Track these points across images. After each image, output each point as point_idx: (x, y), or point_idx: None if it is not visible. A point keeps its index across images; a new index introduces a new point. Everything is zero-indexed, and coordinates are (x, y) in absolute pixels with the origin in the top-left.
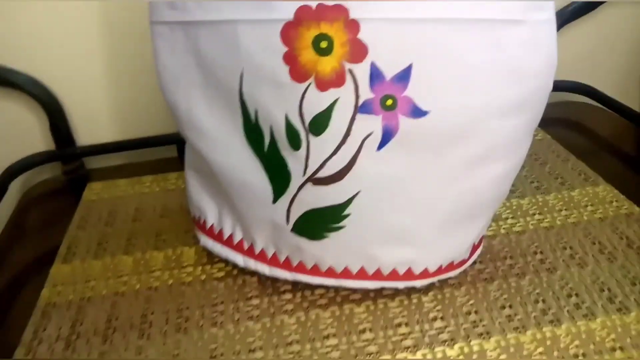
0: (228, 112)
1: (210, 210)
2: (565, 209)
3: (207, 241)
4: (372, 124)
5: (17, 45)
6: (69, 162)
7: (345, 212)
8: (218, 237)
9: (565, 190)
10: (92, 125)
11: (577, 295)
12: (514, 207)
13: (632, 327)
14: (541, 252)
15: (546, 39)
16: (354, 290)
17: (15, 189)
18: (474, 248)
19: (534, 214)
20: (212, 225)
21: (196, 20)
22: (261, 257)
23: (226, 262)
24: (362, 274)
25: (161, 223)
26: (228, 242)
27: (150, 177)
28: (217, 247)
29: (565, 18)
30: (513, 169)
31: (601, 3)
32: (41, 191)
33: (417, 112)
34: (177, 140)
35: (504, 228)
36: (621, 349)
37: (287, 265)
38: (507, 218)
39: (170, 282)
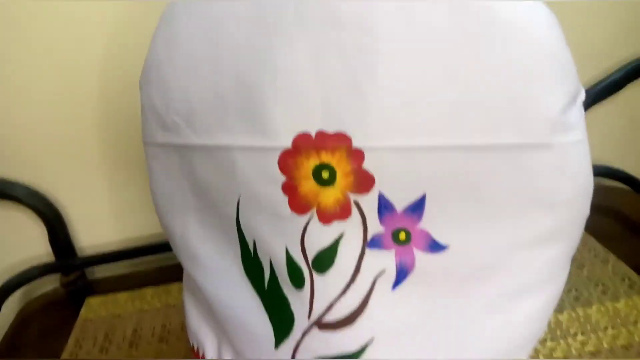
0: (225, 241)
1: (208, 343)
2: (612, 327)
3: None
4: (384, 261)
5: (15, 155)
6: (69, 273)
7: None
8: None
9: (608, 302)
10: (93, 230)
11: None
12: (553, 325)
13: None
14: None
15: (578, 163)
16: None
17: (13, 302)
18: None
19: (575, 334)
20: None
21: (190, 144)
22: None
23: None
24: None
25: (159, 349)
26: None
27: (152, 289)
28: None
29: (590, 99)
30: (550, 303)
31: (627, 83)
32: (40, 305)
33: (435, 247)
34: None
35: (542, 354)
36: None
37: None
38: (545, 340)
39: None
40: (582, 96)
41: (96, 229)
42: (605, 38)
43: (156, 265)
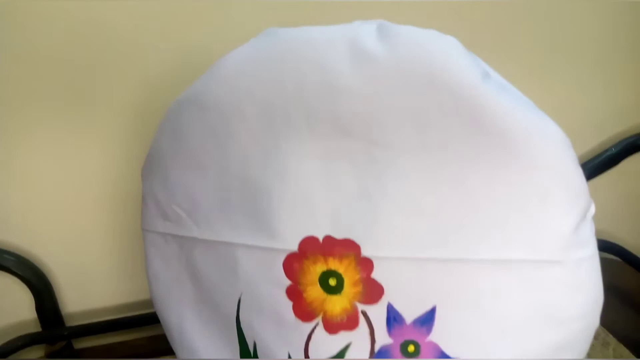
0: (224, 339)
1: None
2: None
3: None
4: None
5: (5, 219)
6: (56, 342)
7: None
8: None
9: None
10: (82, 296)
11: None
12: None
13: None
14: None
15: (589, 277)
16: None
17: None
18: None
19: None
20: None
21: (191, 236)
22: None
23: None
24: None
25: None
26: None
27: None
28: None
29: (587, 174)
30: None
31: (623, 158)
32: None
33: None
34: None
35: None
36: None
37: None
38: None
39: None
40: (593, 211)
41: (86, 296)
42: (602, 113)
43: (146, 334)
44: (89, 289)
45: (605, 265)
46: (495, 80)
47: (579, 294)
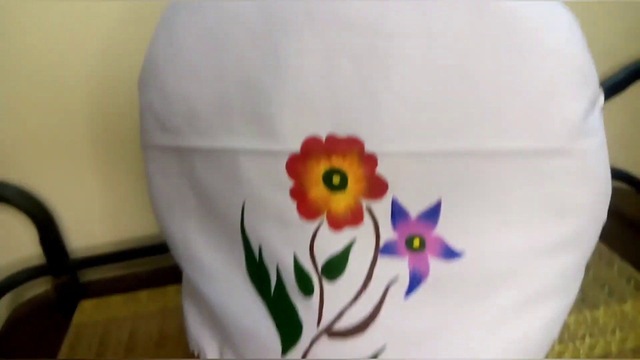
0: (228, 246)
1: (210, 349)
2: (620, 329)
3: None
4: (397, 268)
5: (6, 155)
6: (61, 275)
7: None
8: None
9: (615, 304)
10: (85, 233)
11: None
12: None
13: None
14: None
15: (597, 168)
16: None
17: (3, 306)
18: None
19: (583, 337)
20: None
21: (191, 146)
22: None
23: None
24: None
25: (156, 354)
26: None
27: (147, 292)
28: None
29: None
30: (564, 311)
31: (629, 83)
32: (30, 309)
33: (450, 254)
34: None
35: (550, 356)
36: None
37: None
38: (552, 344)
39: None
40: (601, 101)
41: (88, 231)
42: (608, 39)
43: (151, 267)
44: (91, 224)
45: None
46: None
47: (587, 184)
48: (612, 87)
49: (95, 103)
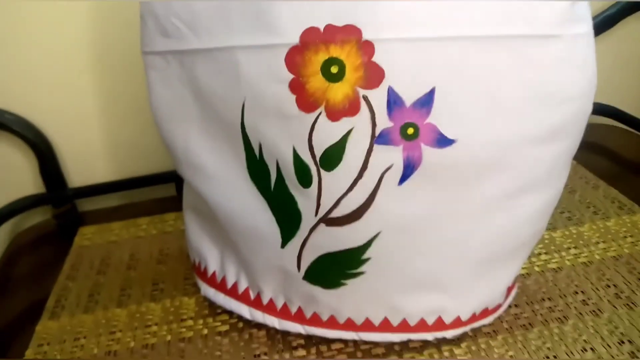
0: (229, 148)
1: (211, 256)
2: (603, 241)
3: (208, 290)
4: (391, 156)
5: (6, 86)
6: (60, 205)
7: (365, 256)
8: (221, 285)
9: (599, 221)
10: (84, 166)
11: (630, 342)
12: (547, 241)
13: None
14: (582, 292)
15: (585, 56)
16: (376, 344)
17: (2, 234)
18: (509, 290)
19: (569, 248)
20: (213, 273)
21: (191, 48)
22: (270, 308)
23: (230, 313)
24: (385, 326)
25: (158, 270)
26: (232, 292)
27: (147, 218)
28: (219, 297)
29: None
30: (552, 202)
31: (618, 20)
32: (31, 237)
33: (443, 141)
34: (176, 178)
35: (537, 265)
36: None
37: (299, 317)
38: (539, 254)
39: (169, 339)
40: None
41: (87, 165)
42: None
43: (148, 198)
44: (90, 157)
45: (600, 129)
46: None
47: (575, 71)
48: (602, 23)
49: (96, 35)
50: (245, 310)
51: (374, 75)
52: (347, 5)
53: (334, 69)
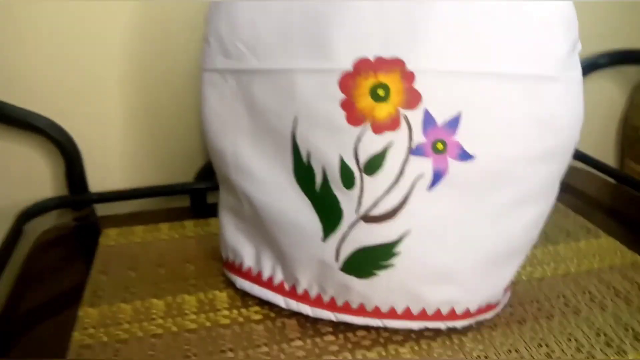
0: (277, 154)
1: (247, 252)
2: (576, 258)
3: (244, 283)
4: (423, 166)
5: (42, 92)
6: (81, 209)
7: (396, 250)
8: (256, 279)
9: (572, 242)
10: (105, 172)
11: (605, 334)
12: (530, 257)
13: None
14: (564, 297)
15: (577, 95)
16: (395, 331)
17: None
18: (505, 291)
19: (549, 263)
20: (249, 268)
21: (251, 68)
22: (304, 297)
23: (262, 304)
24: (407, 314)
25: (186, 268)
26: (268, 284)
27: (167, 224)
28: (255, 289)
29: None
30: (544, 213)
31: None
32: (50, 237)
33: (465, 156)
34: (191, 190)
35: (524, 276)
36: None
37: (331, 305)
38: (525, 266)
39: (208, 325)
40: (579, 47)
41: (107, 172)
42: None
43: (161, 207)
44: (111, 167)
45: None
46: None
47: (570, 106)
48: None
49: (129, 48)
50: (280, 300)
51: (413, 98)
52: (395, 41)
53: (381, 92)
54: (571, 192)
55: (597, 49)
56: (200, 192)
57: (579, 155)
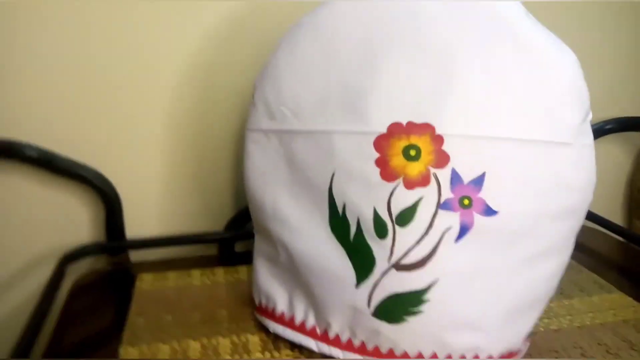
0: (314, 206)
1: (280, 297)
2: (591, 312)
3: (277, 327)
4: (451, 219)
5: (89, 143)
6: (117, 254)
7: (425, 298)
8: (289, 323)
9: (586, 297)
10: (141, 220)
11: None
12: (547, 310)
13: None
14: (580, 347)
15: (589, 160)
16: None
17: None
18: (525, 341)
19: (565, 315)
20: (282, 312)
21: (293, 129)
22: (335, 341)
23: (293, 348)
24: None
25: (219, 313)
26: (300, 328)
27: (198, 270)
28: (288, 333)
29: None
30: (562, 266)
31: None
32: (88, 281)
33: (489, 212)
34: (220, 239)
35: (542, 327)
36: None
37: (361, 349)
38: (543, 318)
39: None
40: (590, 116)
41: (144, 220)
42: None
43: (190, 255)
44: (149, 214)
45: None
46: (531, 18)
47: (583, 170)
48: None
49: (171, 104)
50: (312, 344)
51: (442, 159)
52: (425, 109)
53: (412, 153)
54: (583, 250)
55: (605, 116)
56: (229, 241)
57: (589, 216)
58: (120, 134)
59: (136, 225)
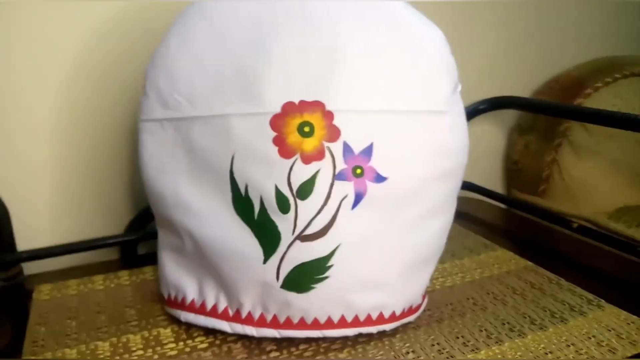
0: (216, 190)
1: (189, 286)
2: (479, 268)
3: (188, 315)
4: (346, 188)
5: None
6: (8, 269)
7: (329, 263)
8: (200, 309)
9: (475, 256)
10: (33, 230)
11: (508, 323)
12: (440, 270)
13: (553, 339)
14: (472, 298)
15: (462, 125)
16: (333, 340)
17: None
18: (423, 297)
19: (457, 273)
20: (192, 300)
21: (188, 116)
22: (248, 319)
23: (207, 334)
24: (342, 323)
25: (127, 313)
26: (212, 312)
27: (101, 276)
28: (200, 319)
29: None
30: (448, 224)
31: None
32: None
33: (379, 178)
34: (121, 243)
35: (437, 285)
36: (551, 352)
37: (274, 323)
38: (438, 277)
39: (156, 357)
40: (460, 87)
41: (35, 230)
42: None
43: (88, 262)
44: (38, 225)
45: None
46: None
47: (458, 135)
48: None
49: (56, 107)
50: (225, 326)
51: (333, 133)
52: (315, 87)
53: (307, 129)
54: (470, 218)
55: (479, 97)
56: (131, 243)
57: (474, 187)
58: (2, 140)
59: (30, 237)
